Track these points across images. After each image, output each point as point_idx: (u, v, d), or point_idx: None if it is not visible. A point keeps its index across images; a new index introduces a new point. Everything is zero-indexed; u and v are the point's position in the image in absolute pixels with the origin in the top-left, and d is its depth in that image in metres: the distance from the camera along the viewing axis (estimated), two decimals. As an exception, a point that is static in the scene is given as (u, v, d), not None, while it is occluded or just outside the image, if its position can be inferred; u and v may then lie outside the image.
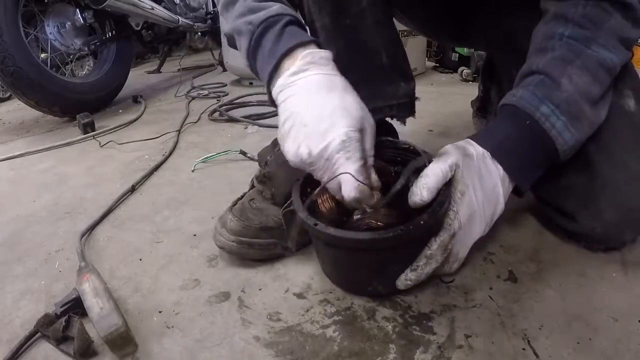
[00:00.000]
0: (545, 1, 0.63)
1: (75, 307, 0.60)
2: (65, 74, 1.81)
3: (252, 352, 0.54)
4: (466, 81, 1.84)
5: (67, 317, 0.57)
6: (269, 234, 0.68)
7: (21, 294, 0.69)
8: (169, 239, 0.81)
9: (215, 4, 2.66)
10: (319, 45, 0.57)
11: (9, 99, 2.35)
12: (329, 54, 0.57)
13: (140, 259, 0.75)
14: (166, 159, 1.22)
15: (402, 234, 0.51)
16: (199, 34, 2.62)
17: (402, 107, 0.76)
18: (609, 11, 0.57)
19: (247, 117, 1.52)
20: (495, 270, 0.64)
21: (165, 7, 2.19)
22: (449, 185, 0.54)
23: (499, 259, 0.66)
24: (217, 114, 1.61)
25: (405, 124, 0.80)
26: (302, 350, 0.53)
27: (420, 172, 0.56)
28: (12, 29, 1.52)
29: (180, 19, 2.28)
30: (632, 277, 0.61)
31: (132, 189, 1.03)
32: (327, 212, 0.57)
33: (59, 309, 0.60)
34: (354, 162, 0.51)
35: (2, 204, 1.04)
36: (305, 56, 0.55)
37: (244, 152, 1.15)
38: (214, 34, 2.63)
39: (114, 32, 2.00)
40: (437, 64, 2.10)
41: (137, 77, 2.54)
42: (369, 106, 0.57)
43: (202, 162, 1.15)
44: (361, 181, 0.51)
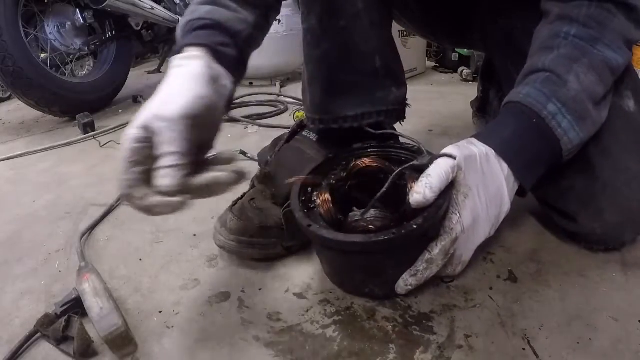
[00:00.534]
0: (547, 2, 0.62)
1: (75, 307, 0.60)
2: (65, 74, 1.80)
3: (252, 352, 0.54)
4: (466, 81, 1.84)
5: (67, 317, 0.57)
6: (269, 233, 0.68)
7: (21, 294, 0.69)
8: (169, 239, 0.81)
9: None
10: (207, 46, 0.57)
11: (9, 99, 2.34)
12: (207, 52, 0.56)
13: (140, 259, 0.75)
14: (166, 159, 1.22)
15: (394, 237, 0.50)
16: (199, 34, 2.61)
17: (392, 114, 0.74)
18: (613, 12, 0.57)
19: (247, 117, 1.52)
20: (495, 270, 0.64)
21: (165, 7, 2.19)
22: (450, 187, 0.53)
23: (499, 259, 0.66)
24: (217, 114, 1.61)
25: (402, 124, 0.79)
26: (302, 350, 0.53)
27: (416, 171, 0.54)
28: (12, 29, 1.52)
29: (180, 19, 2.27)
30: (632, 277, 0.61)
31: (132, 189, 1.02)
32: (326, 212, 0.57)
33: (59, 309, 0.59)
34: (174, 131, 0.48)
35: (2, 204, 1.04)
36: (189, 51, 0.55)
37: (244, 152, 1.15)
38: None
39: (114, 32, 2.00)
40: (437, 64, 2.10)
41: (137, 77, 2.54)
42: (357, 111, 0.55)
43: (202, 162, 1.15)
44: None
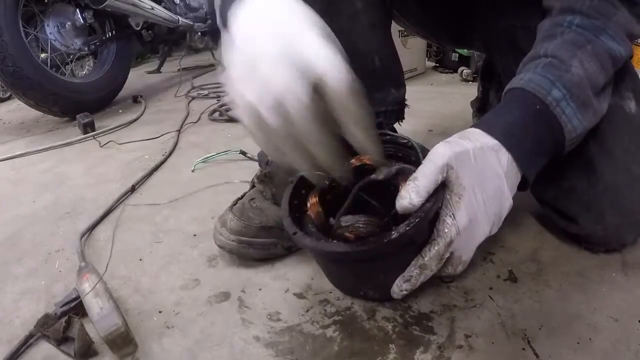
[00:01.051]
0: None
1: (75, 307, 0.60)
2: (65, 74, 1.81)
3: (252, 352, 0.54)
4: (466, 81, 1.84)
5: (67, 317, 0.57)
6: (269, 233, 0.68)
7: (21, 294, 0.69)
8: (169, 239, 0.81)
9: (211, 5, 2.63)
10: None
11: (9, 99, 2.35)
12: None
13: (140, 259, 0.75)
14: (166, 159, 1.22)
15: (371, 248, 0.47)
16: (199, 34, 2.61)
17: (390, 115, 0.73)
18: (616, 5, 0.56)
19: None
20: (495, 270, 0.64)
21: (165, 7, 2.19)
22: (441, 188, 0.49)
23: (499, 259, 0.66)
24: (217, 114, 1.61)
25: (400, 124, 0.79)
26: (302, 350, 0.53)
27: (409, 172, 0.53)
28: (12, 29, 1.52)
29: (180, 19, 2.28)
30: (632, 277, 0.61)
31: (132, 189, 1.03)
32: (315, 216, 0.55)
33: (59, 309, 0.60)
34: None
35: (2, 204, 1.04)
36: None
37: (244, 152, 1.15)
38: (213, 34, 2.63)
39: (114, 32, 2.00)
40: (437, 64, 2.10)
41: (137, 77, 2.54)
42: None
43: (202, 162, 1.15)
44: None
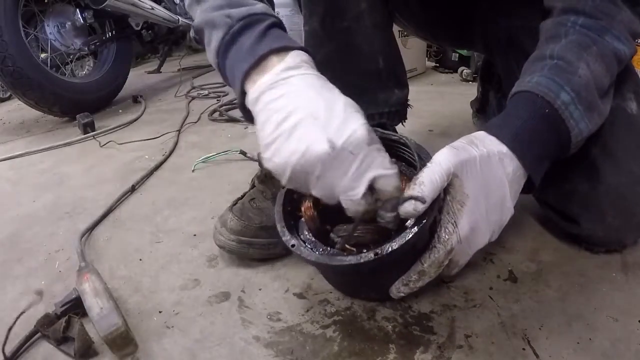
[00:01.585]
0: None
1: (75, 307, 0.60)
2: (65, 74, 1.81)
3: (252, 352, 0.54)
4: (466, 81, 1.84)
5: (67, 317, 0.57)
6: (269, 233, 0.68)
7: (21, 294, 0.69)
8: (169, 239, 0.81)
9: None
10: (307, 52, 0.51)
11: (9, 99, 2.35)
12: (312, 61, 0.51)
13: (140, 259, 0.75)
14: (166, 159, 1.22)
15: (374, 259, 0.47)
16: (199, 34, 2.61)
17: (394, 115, 0.75)
18: (619, 5, 0.56)
19: (247, 117, 1.52)
20: (495, 270, 0.64)
21: (165, 7, 2.19)
22: (445, 194, 0.49)
23: (499, 259, 0.66)
24: (217, 114, 1.61)
25: (403, 125, 0.79)
26: (302, 350, 0.53)
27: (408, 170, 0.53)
28: (12, 29, 1.52)
29: (180, 19, 2.27)
30: (632, 277, 0.61)
31: (132, 189, 1.03)
32: (309, 221, 0.55)
33: (59, 309, 0.60)
34: (386, 155, 0.45)
35: (2, 204, 1.04)
36: (296, 55, 0.48)
37: (244, 152, 1.15)
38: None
39: (114, 32, 2.00)
40: (437, 64, 2.10)
41: (137, 77, 2.54)
42: None
43: (202, 162, 1.15)
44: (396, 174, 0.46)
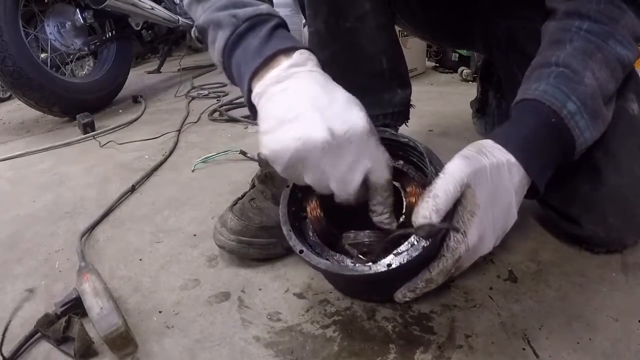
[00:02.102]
0: (552, 0, 0.61)
1: (75, 307, 0.60)
2: (65, 74, 1.81)
3: (252, 352, 0.54)
4: (466, 81, 1.84)
5: (67, 317, 0.57)
6: (269, 233, 0.68)
7: (21, 294, 0.69)
8: (169, 239, 0.81)
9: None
10: (312, 52, 0.52)
11: (9, 99, 2.35)
12: (317, 60, 0.52)
13: (140, 259, 0.75)
14: (166, 159, 1.22)
15: (387, 271, 0.47)
16: (199, 34, 2.61)
17: (398, 116, 0.75)
18: (623, 8, 0.56)
19: (247, 117, 1.52)
20: (495, 270, 0.64)
21: (165, 7, 2.19)
22: (456, 204, 0.48)
23: (499, 259, 0.66)
24: (217, 114, 1.61)
25: (407, 125, 0.79)
26: (302, 350, 0.53)
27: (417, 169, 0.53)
28: (12, 29, 1.52)
29: (180, 19, 2.27)
30: (632, 277, 0.61)
31: (132, 189, 1.03)
32: (316, 221, 0.55)
33: (59, 309, 0.60)
34: (384, 149, 0.47)
35: (2, 204, 1.04)
36: (302, 54, 0.50)
37: (244, 152, 1.15)
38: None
39: (114, 32, 2.00)
40: (437, 64, 2.10)
41: (137, 77, 2.54)
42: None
43: (202, 162, 1.15)
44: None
